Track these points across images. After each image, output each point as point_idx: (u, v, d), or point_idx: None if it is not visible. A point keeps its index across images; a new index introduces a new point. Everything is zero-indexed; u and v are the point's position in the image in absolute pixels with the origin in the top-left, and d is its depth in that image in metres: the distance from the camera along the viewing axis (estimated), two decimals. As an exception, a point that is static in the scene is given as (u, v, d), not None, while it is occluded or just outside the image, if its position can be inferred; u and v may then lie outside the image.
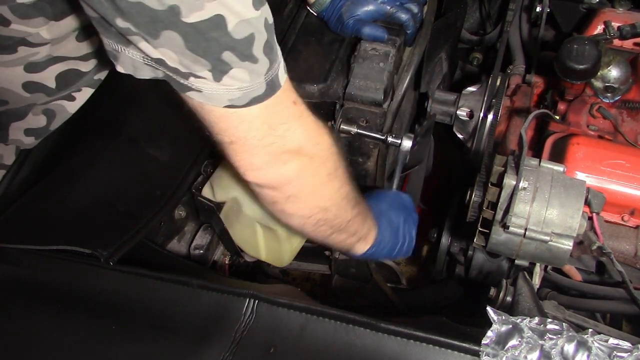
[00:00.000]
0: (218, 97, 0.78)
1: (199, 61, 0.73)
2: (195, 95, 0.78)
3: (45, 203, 1.10)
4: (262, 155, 0.88)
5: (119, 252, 0.97)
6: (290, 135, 0.88)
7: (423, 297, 1.60)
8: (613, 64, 1.33)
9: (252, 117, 0.82)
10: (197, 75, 0.75)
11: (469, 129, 1.46)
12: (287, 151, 0.89)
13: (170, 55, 0.73)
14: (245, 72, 0.77)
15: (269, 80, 0.81)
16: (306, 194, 0.96)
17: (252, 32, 0.74)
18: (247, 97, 0.79)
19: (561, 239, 0.99)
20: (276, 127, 0.86)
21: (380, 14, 1.31)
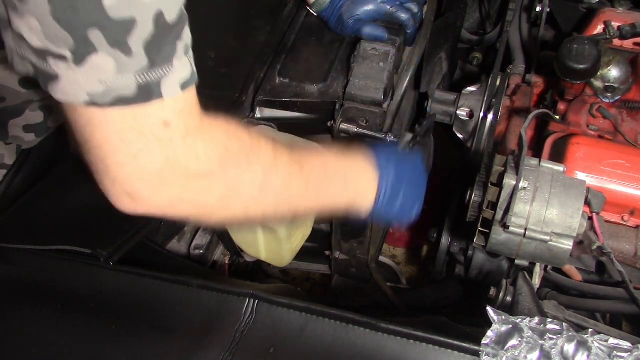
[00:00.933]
0: (76, 89, 0.67)
1: (62, 35, 0.63)
2: (54, 88, 0.67)
3: (45, 203, 1.10)
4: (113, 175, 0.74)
5: (119, 252, 0.97)
6: (148, 157, 0.73)
7: (423, 297, 1.60)
8: (613, 64, 1.33)
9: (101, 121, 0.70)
10: (56, 55, 0.65)
11: (469, 129, 1.46)
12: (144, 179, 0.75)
13: (34, 25, 0.63)
14: (111, 62, 0.65)
15: (144, 84, 0.68)
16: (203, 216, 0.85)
17: (134, 18, 0.64)
18: (109, 95, 0.67)
19: (561, 239, 0.99)
20: (134, 146, 0.72)
21: (380, 14, 1.31)
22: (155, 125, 0.72)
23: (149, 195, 0.76)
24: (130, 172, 0.74)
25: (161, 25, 0.66)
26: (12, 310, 0.94)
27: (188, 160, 0.76)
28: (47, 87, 0.68)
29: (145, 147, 0.72)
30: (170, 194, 0.78)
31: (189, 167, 0.77)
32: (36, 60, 0.66)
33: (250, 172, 0.84)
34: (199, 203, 0.82)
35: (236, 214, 0.87)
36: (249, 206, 0.87)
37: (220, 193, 0.82)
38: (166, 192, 0.77)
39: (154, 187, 0.76)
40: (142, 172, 0.74)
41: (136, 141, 0.72)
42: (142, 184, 0.75)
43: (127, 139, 0.71)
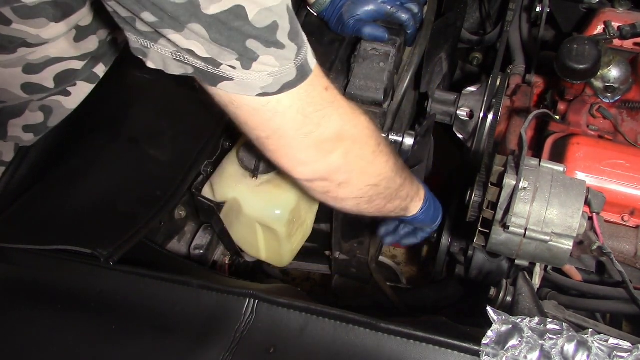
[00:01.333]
0: (250, 85, 0.78)
1: (225, 51, 0.74)
2: (227, 86, 0.78)
3: (45, 203, 1.10)
4: (303, 148, 0.87)
5: (119, 252, 0.97)
6: (327, 123, 0.86)
7: (423, 297, 1.60)
8: (613, 64, 1.33)
9: (284, 107, 0.82)
10: (227, 65, 0.75)
11: (469, 129, 1.46)
12: (327, 139, 0.88)
13: (197, 46, 0.73)
14: (272, 58, 0.76)
15: (299, 65, 0.80)
16: (356, 176, 0.96)
17: (275, 20, 0.75)
18: (278, 83, 0.79)
19: (561, 239, 0.99)
20: (311, 115, 0.84)
21: (380, 14, 1.31)
22: (320, 92, 0.85)
23: (332, 151, 0.89)
24: (317, 136, 0.86)
25: (291, 14, 0.77)
26: (12, 310, 0.94)
27: (354, 112, 0.91)
28: (216, 85, 0.78)
29: (323, 113, 0.85)
30: (344, 148, 0.90)
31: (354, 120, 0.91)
32: (204, 65, 0.76)
33: (387, 144, 0.99)
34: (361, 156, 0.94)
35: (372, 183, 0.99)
36: (383, 182, 1.01)
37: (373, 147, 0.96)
38: (342, 146, 0.90)
39: (335, 144, 0.89)
40: (326, 134, 0.87)
41: (314, 112, 0.84)
42: (328, 144, 0.88)
43: (305, 112, 0.84)
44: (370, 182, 0.99)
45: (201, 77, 0.79)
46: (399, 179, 1.05)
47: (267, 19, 0.74)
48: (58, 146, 1.18)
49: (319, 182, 0.94)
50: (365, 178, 0.98)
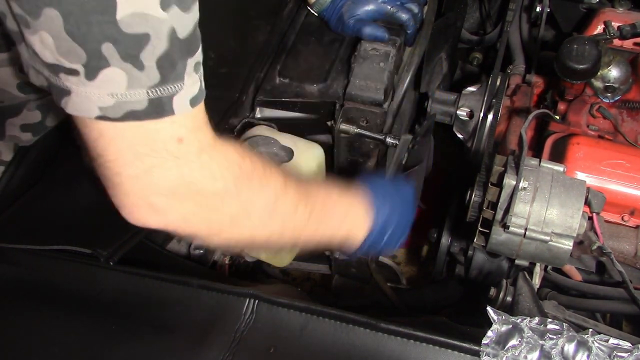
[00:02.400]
0: (87, 103, 0.67)
1: (75, 50, 0.64)
2: (67, 103, 0.68)
3: (45, 203, 1.10)
4: (131, 194, 0.75)
5: (119, 252, 0.97)
6: (161, 176, 0.74)
7: (423, 297, 1.60)
8: (613, 64, 1.33)
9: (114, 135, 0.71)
10: (68, 69, 0.65)
11: (469, 129, 1.46)
12: (159, 194, 0.75)
13: (47, 40, 0.64)
14: (123, 76, 0.66)
15: (155, 98, 0.68)
16: (210, 235, 0.86)
17: (147, 33, 0.65)
18: (120, 109, 0.68)
19: (561, 239, 0.99)
20: (146, 160, 0.72)
21: (380, 14, 1.31)
22: (169, 141, 0.72)
23: (162, 210, 0.77)
24: (144, 186, 0.74)
25: (174, 41, 0.67)
26: (12, 310, 0.94)
27: (203, 177, 0.77)
28: (60, 102, 0.69)
29: (160, 163, 0.73)
30: (183, 210, 0.78)
31: (205, 184, 0.77)
32: (49, 74, 0.67)
33: (262, 195, 0.85)
34: (211, 221, 0.82)
35: (243, 236, 0.89)
36: (257, 229, 0.88)
37: (232, 213, 0.83)
38: (180, 207, 0.78)
39: (168, 203, 0.76)
40: (156, 187, 0.75)
41: (150, 156, 0.72)
42: (156, 199, 0.76)
43: (140, 153, 0.72)
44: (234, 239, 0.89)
45: (52, 91, 0.69)
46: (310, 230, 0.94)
47: (138, 27, 0.64)
48: (58, 146, 1.18)
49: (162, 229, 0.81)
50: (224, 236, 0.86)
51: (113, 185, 0.76)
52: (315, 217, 0.95)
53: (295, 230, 0.94)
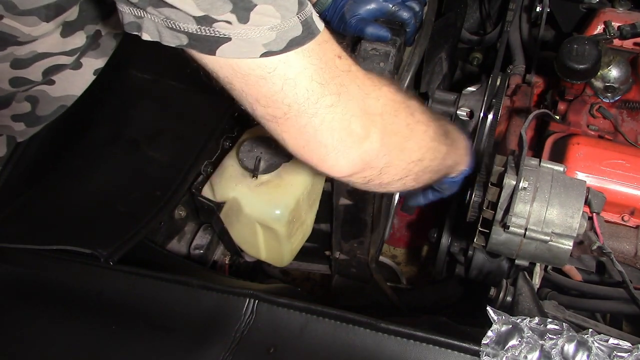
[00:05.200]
0: (251, 44, 0.68)
1: (219, 0, 0.66)
2: (226, 50, 0.69)
3: (45, 203, 1.10)
4: (328, 129, 0.75)
5: (119, 252, 0.97)
6: (347, 95, 0.75)
7: (423, 297, 1.60)
8: (613, 64, 1.33)
9: (295, 72, 0.71)
10: (220, 20, 0.67)
11: (469, 129, 1.46)
12: (353, 116, 0.76)
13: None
14: (272, 7, 0.68)
15: (304, 21, 0.70)
16: (396, 156, 0.85)
17: None
18: (283, 39, 0.69)
19: (561, 239, 0.99)
20: (329, 83, 0.73)
21: (382, 12, 1.30)
22: (334, 59, 0.74)
23: (365, 133, 0.78)
24: (342, 113, 0.75)
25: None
26: (12, 310, 0.94)
27: (375, 86, 0.79)
28: (214, 52, 0.69)
29: (343, 82, 0.74)
30: (379, 126, 0.79)
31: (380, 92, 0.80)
32: (198, 28, 0.68)
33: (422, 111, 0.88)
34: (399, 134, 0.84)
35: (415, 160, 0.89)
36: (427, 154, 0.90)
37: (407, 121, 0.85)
38: (375, 123, 0.79)
39: (365, 122, 0.78)
40: (351, 110, 0.75)
41: (329, 78, 0.73)
42: (355, 123, 0.76)
43: (320, 77, 0.73)
44: (412, 159, 0.88)
45: (197, 47, 0.70)
46: (443, 147, 0.94)
47: None
48: (57, 146, 1.18)
49: (359, 173, 0.82)
50: (405, 155, 0.87)
51: (311, 135, 0.75)
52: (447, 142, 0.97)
53: (441, 151, 0.95)
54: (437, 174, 0.98)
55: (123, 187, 1.13)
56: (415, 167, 0.90)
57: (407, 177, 0.90)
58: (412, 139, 0.87)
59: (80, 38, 1.07)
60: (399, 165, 0.87)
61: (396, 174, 0.88)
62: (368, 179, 0.85)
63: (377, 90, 0.80)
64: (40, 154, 1.17)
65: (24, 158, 1.16)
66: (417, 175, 0.91)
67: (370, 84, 0.80)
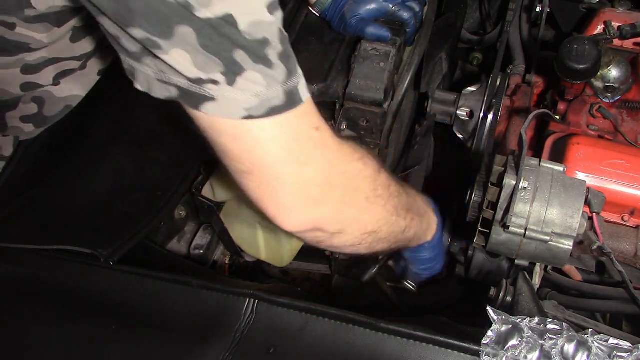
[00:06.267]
0: (234, 105, 0.73)
1: (212, 61, 0.70)
2: (209, 107, 0.73)
3: (46, 203, 1.10)
4: (288, 192, 0.80)
5: (119, 252, 0.97)
6: (314, 165, 0.80)
7: (423, 297, 1.60)
8: (613, 64, 1.33)
9: (268, 136, 0.76)
10: (211, 80, 0.72)
11: (469, 129, 1.46)
12: (315, 185, 0.81)
13: (183, 56, 0.70)
14: (260, 76, 0.73)
15: (288, 91, 0.75)
16: (349, 226, 0.90)
17: (266, 36, 0.72)
18: (264, 106, 0.74)
19: (561, 239, 0.99)
20: (296, 152, 0.78)
21: (382, 13, 1.30)
22: (310, 130, 0.79)
23: (320, 200, 0.82)
24: (303, 180, 0.80)
25: (283, 38, 0.75)
26: (12, 310, 0.94)
27: (345, 159, 0.84)
28: (198, 108, 0.74)
29: (310, 153, 0.79)
30: (337, 197, 0.84)
31: (349, 166, 0.85)
32: (189, 85, 0.73)
33: (387, 186, 0.92)
34: (356, 205, 0.88)
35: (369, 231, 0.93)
36: (383, 228, 0.94)
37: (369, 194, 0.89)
38: (334, 195, 0.83)
39: (324, 192, 0.82)
40: (313, 179, 0.80)
41: (298, 148, 0.78)
42: (314, 191, 0.81)
43: (289, 147, 0.77)
44: (367, 230, 0.92)
45: (184, 100, 0.75)
46: (403, 221, 0.98)
47: (258, 33, 0.71)
48: (58, 146, 1.18)
49: (310, 232, 0.87)
50: (360, 226, 0.91)
51: (269, 192, 0.80)
52: (411, 214, 1.01)
53: (400, 226, 0.99)
54: (396, 244, 1.02)
55: (123, 187, 1.13)
56: (369, 237, 0.93)
57: (359, 245, 0.94)
58: (369, 213, 0.91)
59: (89, 43, 1.08)
60: (352, 234, 0.91)
61: (347, 241, 0.92)
62: (319, 239, 0.89)
63: (345, 164, 0.84)
64: (41, 154, 1.17)
65: (25, 158, 1.17)
66: (370, 245, 0.95)
67: (341, 158, 0.84)
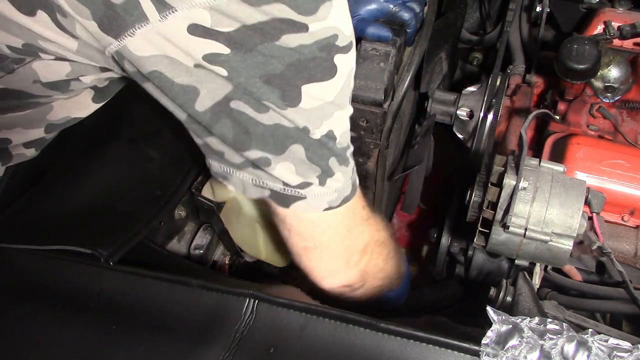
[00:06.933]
0: (319, 202, 0.86)
1: (312, 169, 0.81)
2: (298, 205, 0.85)
3: (45, 203, 1.10)
4: (337, 259, 0.96)
5: (119, 252, 0.97)
6: (361, 237, 0.97)
7: (423, 297, 1.60)
8: (613, 64, 1.33)
9: (338, 221, 0.91)
10: (306, 183, 0.83)
11: (469, 129, 1.46)
12: (356, 251, 0.97)
13: (288, 168, 0.80)
14: (341, 175, 0.85)
15: (353, 181, 0.89)
16: (370, 282, 1.05)
17: (348, 142, 0.85)
18: (340, 198, 0.87)
19: (561, 239, 0.99)
20: (353, 230, 0.95)
21: (383, 13, 1.30)
22: (362, 210, 0.96)
23: (356, 263, 0.99)
24: (351, 250, 0.97)
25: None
26: (12, 310, 0.94)
27: (377, 230, 1.02)
28: (288, 206, 0.86)
29: (361, 229, 0.97)
30: (368, 260, 1.01)
31: (379, 235, 1.03)
32: (283, 189, 0.84)
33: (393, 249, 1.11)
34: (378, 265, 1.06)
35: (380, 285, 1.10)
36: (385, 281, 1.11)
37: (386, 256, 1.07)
38: (366, 258, 1.01)
39: (360, 257, 0.99)
40: (356, 248, 0.98)
41: (354, 226, 0.95)
42: (355, 257, 0.98)
43: (350, 226, 0.94)
44: (377, 285, 1.08)
45: (275, 199, 0.85)
46: (395, 274, 1.14)
47: (345, 141, 0.83)
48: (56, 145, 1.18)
49: (341, 288, 1.01)
50: (376, 282, 1.07)
51: (323, 262, 0.96)
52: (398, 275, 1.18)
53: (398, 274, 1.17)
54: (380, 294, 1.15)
55: (123, 187, 1.13)
56: (375, 290, 1.09)
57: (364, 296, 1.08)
58: (384, 271, 1.08)
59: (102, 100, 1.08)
60: (368, 289, 1.07)
61: (363, 295, 1.07)
62: (344, 293, 1.04)
63: (377, 232, 1.02)
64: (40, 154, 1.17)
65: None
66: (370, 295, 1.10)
67: (374, 228, 1.01)
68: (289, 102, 0.74)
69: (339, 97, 0.78)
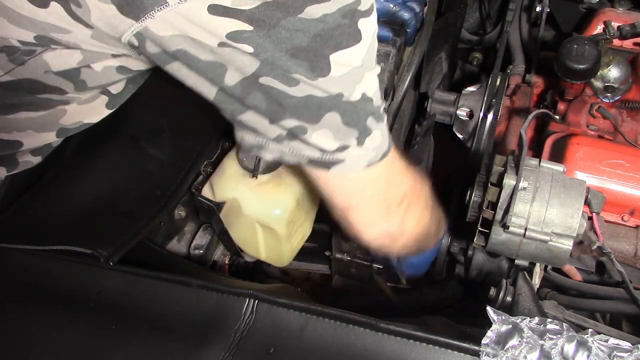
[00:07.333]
0: (359, 162, 0.86)
1: (350, 132, 0.81)
2: (336, 169, 0.86)
3: (46, 203, 1.10)
4: (377, 210, 0.97)
5: (119, 252, 0.97)
6: (400, 188, 0.98)
7: (423, 297, 1.60)
8: (613, 64, 1.33)
9: (377, 176, 0.91)
10: (345, 146, 0.83)
11: (469, 129, 1.46)
12: (395, 202, 0.98)
13: (326, 134, 0.80)
14: (379, 132, 0.85)
15: (389, 137, 0.90)
16: (409, 231, 1.05)
17: (381, 98, 0.85)
18: (379, 155, 0.88)
19: (561, 239, 0.99)
20: (393, 182, 0.96)
21: (383, 13, 1.30)
22: (398, 162, 0.96)
23: (395, 212, 0.99)
24: (395, 199, 0.98)
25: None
26: (12, 310, 0.94)
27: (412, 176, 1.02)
28: (327, 169, 0.86)
29: (400, 179, 0.98)
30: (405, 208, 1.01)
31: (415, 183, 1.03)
32: (321, 156, 0.84)
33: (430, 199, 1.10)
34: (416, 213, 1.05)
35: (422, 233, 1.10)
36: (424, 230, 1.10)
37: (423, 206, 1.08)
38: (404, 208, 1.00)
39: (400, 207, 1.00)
40: (398, 197, 0.98)
41: (394, 179, 0.96)
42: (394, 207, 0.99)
43: (389, 180, 0.95)
44: (416, 236, 1.08)
45: (313, 165, 0.86)
46: (433, 227, 1.14)
47: (379, 98, 0.83)
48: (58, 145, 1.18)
49: (381, 239, 1.03)
50: (415, 232, 1.07)
51: (365, 217, 0.97)
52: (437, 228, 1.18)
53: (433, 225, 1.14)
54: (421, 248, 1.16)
55: (123, 187, 1.13)
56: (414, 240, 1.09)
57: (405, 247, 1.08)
58: (423, 220, 1.08)
59: (114, 105, 1.09)
60: (408, 238, 1.07)
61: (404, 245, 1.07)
62: (384, 245, 1.05)
63: (414, 181, 1.01)
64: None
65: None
66: (410, 248, 1.10)
67: (412, 177, 1.01)
68: (319, 72, 0.74)
69: (367, 60, 0.78)
